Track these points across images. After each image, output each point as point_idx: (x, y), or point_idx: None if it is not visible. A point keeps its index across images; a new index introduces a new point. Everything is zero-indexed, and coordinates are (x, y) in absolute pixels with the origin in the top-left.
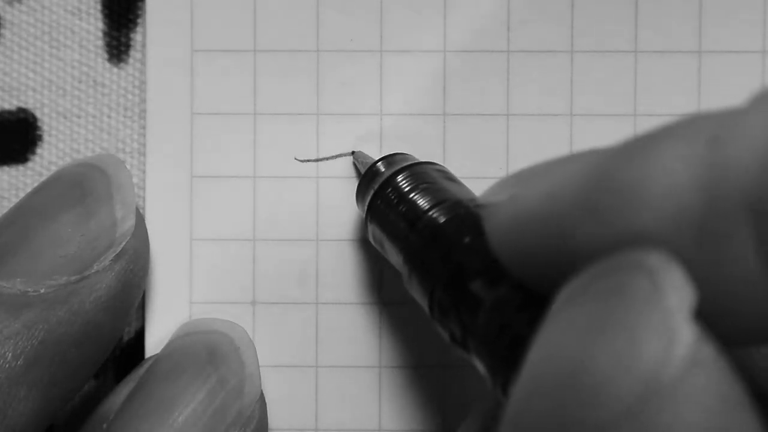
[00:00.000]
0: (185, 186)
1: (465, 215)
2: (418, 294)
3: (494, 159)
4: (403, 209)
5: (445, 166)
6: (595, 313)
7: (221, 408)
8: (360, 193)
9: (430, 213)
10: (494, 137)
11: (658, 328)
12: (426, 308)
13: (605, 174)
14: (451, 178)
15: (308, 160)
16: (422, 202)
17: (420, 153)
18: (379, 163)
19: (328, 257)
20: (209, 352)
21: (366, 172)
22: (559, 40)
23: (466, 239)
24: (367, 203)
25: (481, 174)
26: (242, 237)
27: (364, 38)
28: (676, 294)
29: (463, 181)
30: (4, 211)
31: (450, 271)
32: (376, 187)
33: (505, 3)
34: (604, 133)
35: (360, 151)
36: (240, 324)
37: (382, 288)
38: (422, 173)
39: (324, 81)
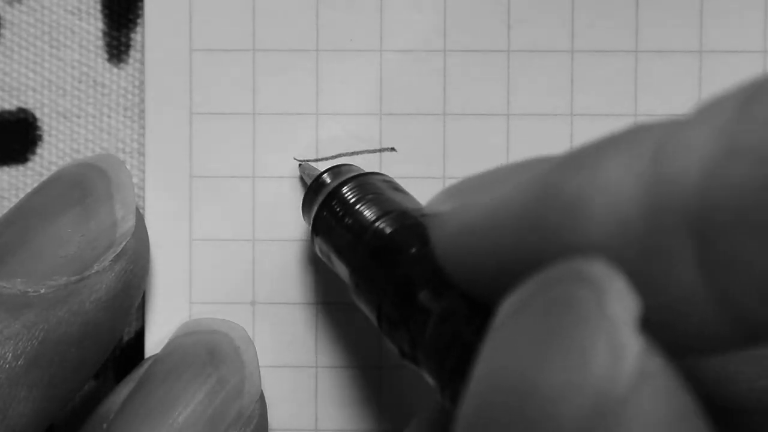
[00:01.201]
0: (185, 186)
1: (411, 225)
2: (366, 307)
3: (494, 159)
4: (349, 221)
5: (445, 166)
6: (540, 327)
7: (221, 408)
8: (306, 206)
9: (377, 224)
10: (494, 137)
11: (605, 341)
12: (374, 321)
13: (549, 186)
14: (397, 188)
15: (308, 160)
16: (368, 213)
17: (420, 153)
18: (325, 174)
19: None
20: (209, 352)
21: (311, 184)
22: (559, 40)
23: (413, 250)
24: (312, 216)
25: None
26: (242, 237)
27: (364, 38)
28: (619, 303)
29: None
30: (4, 211)
31: (397, 282)
32: (321, 199)
33: (505, 2)
34: (605, 133)
35: (306, 164)
36: (240, 324)
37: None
38: (368, 184)
39: (324, 81)
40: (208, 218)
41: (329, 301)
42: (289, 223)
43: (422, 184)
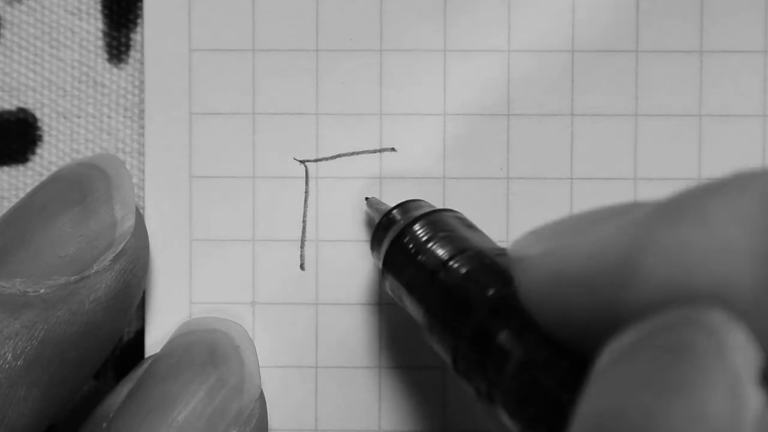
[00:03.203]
0: (185, 186)
1: (488, 265)
2: (439, 347)
3: (495, 159)
4: (422, 259)
5: (445, 166)
6: (655, 371)
7: (221, 407)
8: (375, 243)
9: (451, 263)
10: (494, 137)
11: (726, 390)
12: (449, 362)
13: (650, 234)
14: (470, 226)
15: (308, 160)
16: (442, 252)
17: (420, 153)
18: (395, 210)
19: (328, 257)
20: (209, 351)
21: (381, 220)
22: (559, 40)
23: (491, 291)
24: (383, 253)
25: (482, 174)
26: (242, 237)
27: (364, 38)
28: (741, 355)
29: (463, 181)
30: (4, 211)
31: (475, 324)
32: (392, 236)
33: (505, 3)
34: (605, 133)
35: (374, 198)
36: (240, 324)
37: (382, 288)
38: (440, 221)
39: (324, 81)
40: (208, 218)
41: (329, 300)
42: (289, 223)
43: (422, 184)
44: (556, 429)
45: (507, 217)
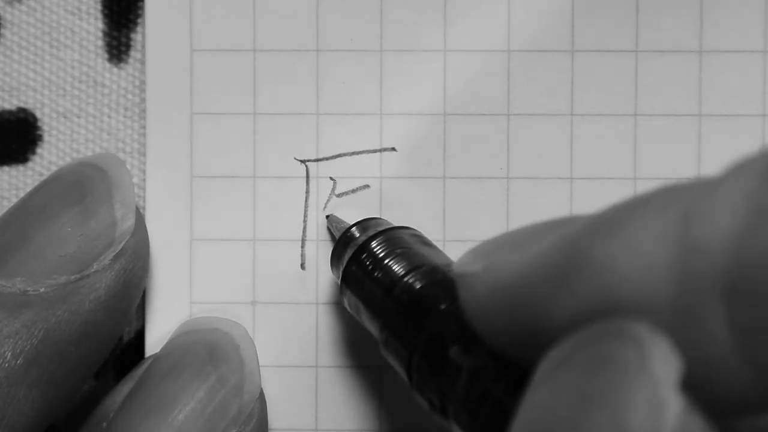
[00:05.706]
0: (185, 186)
1: (441, 281)
2: (395, 361)
3: (494, 159)
4: (379, 275)
5: (445, 166)
6: (583, 382)
7: (221, 406)
8: (335, 259)
9: (406, 279)
10: (494, 137)
11: (647, 398)
12: (404, 376)
13: (578, 250)
14: (426, 243)
15: (308, 160)
16: (398, 267)
17: (420, 152)
18: (354, 228)
19: (328, 257)
20: (209, 351)
21: (340, 237)
22: (559, 40)
23: (443, 305)
24: (342, 269)
25: (481, 174)
26: (242, 237)
27: (364, 38)
28: (662, 364)
29: (463, 180)
30: (4, 211)
31: (428, 337)
32: (350, 252)
33: (505, 3)
34: (605, 132)
35: (333, 215)
36: (240, 324)
37: None
38: (397, 238)
39: (324, 81)
40: (209, 218)
41: (329, 301)
42: (289, 223)
43: (422, 184)
44: None
45: (507, 217)
